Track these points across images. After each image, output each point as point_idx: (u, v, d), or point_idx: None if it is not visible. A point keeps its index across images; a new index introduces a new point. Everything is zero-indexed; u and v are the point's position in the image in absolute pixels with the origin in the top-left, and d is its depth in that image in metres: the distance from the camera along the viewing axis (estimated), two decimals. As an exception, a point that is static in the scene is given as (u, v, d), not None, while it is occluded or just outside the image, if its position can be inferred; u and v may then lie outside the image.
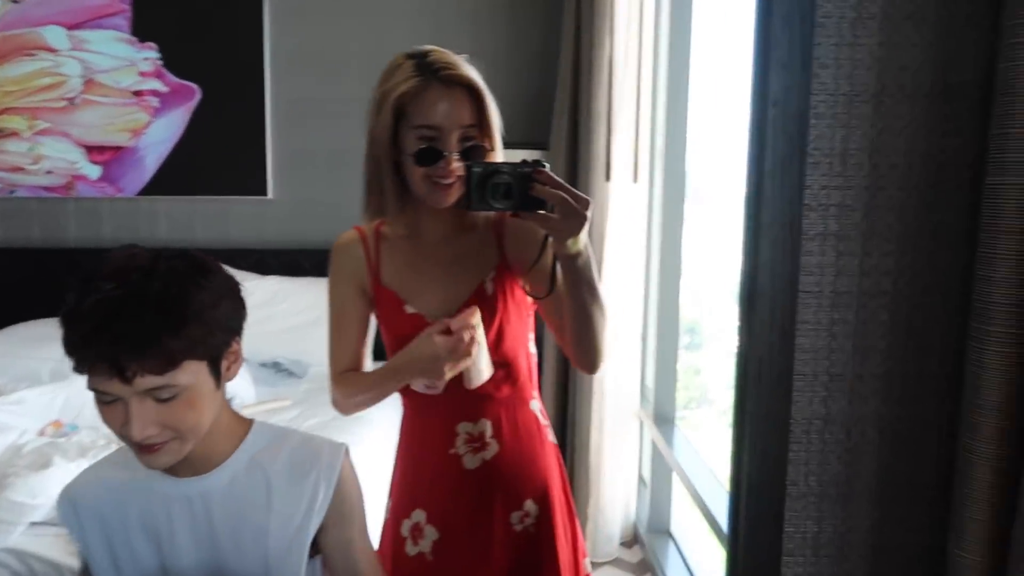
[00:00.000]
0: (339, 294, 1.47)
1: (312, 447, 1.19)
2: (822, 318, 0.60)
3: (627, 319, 2.88)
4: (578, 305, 1.31)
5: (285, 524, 1.13)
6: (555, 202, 1.18)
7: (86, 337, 0.94)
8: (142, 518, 1.11)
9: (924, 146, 0.59)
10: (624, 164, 2.77)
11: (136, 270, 0.97)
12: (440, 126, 1.30)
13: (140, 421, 0.96)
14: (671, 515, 2.99)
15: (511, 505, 1.44)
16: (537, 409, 1.51)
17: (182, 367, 0.97)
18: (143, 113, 3.54)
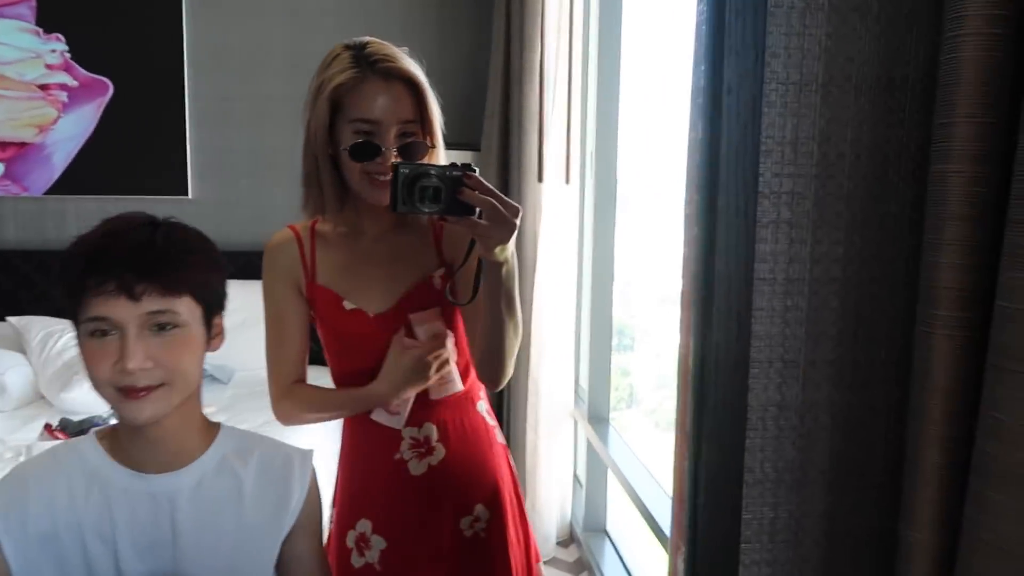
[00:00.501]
0: (276, 297, 1.41)
1: (283, 452, 1.16)
2: (776, 305, 0.60)
3: (560, 320, 2.89)
4: (494, 315, 1.28)
5: (255, 529, 1.10)
6: (484, 208, 1.15)
7: (93, 260, 0.96)
8: (99, 516, 1.04)
9: (871, 136, 0.60)
10: (556, 166, 2.78)
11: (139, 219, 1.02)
12: (378, 120, 1.26)
13: (138, 351, 0.96)
14: (607, 514, 3.02)
15: (461, 510, 1.41)
16: (484, 410, 1.48)
17: (183, 298, 1.00)
18: (50, 108, 3.35)
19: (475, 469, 1.43)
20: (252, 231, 3.50)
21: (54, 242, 3.46)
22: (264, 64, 3.48)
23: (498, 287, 1.24)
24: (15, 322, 3.09)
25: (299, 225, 1.42)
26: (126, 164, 3.41)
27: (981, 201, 0.54)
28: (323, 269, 1.39)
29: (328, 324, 1.39)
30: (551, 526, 2.97)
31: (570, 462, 3.11)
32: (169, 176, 3.42)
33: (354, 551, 1.42)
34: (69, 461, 1.08)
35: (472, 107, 3.26)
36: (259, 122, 3.49)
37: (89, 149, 3.39)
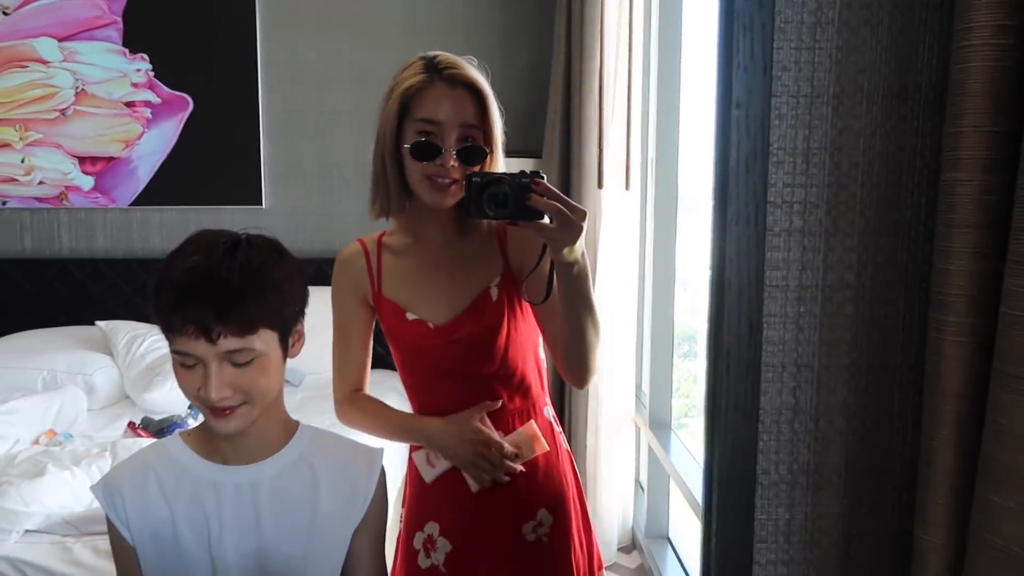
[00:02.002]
0: (342, 307, 1.49)
1: (355, 449, 1.25)
2: (789, 311, 0.62)
3: (622, 326, 2.90)
4: (572, 315, 1.32)
5: (328, 520, 1.18)
6: (552, 213, 1.20)
7: (177, 301, 1.04)
8: (190, 508, 1.15)
9: (882, 145, 0.61)
10: (616, 172, 2.80)
11: (222, 245, 1.08)
12: (440, 121, 1.32)
13: (218, 382, 1.05)
14: (669, 520, 3.00)
15: (523, 516, 1.44)
16: (550, 416, 1.51)
17: (259, 333, 1.06)
18: (135, 124, 3.57)
19: (538, 475, 1.45)
20: (321, 239, 3.64)
21: (139, 251, 3.67)
22: (333, 78, 3.61)
23: (572, 287, 1.28)
24: (103, 326, 3.29)
25: (367, 239, 1.49)
26: (204, 176, 3.59)
27: (990, 209, 0.55)
28: (389, 280, 1.45)
29: (393, 335, 1.45)
30: (612, 532, 2.97)
31: (632, 468, 3.11)
32: (244, 187, 3.59)
33: (421, 552, 1.46)
34: (157, 461, 1.19)
35: (534, 115, 3.31)
36: (328, 134, 3.63)
37: (171, 162, 3.59)
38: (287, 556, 1.16)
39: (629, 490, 3.09)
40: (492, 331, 1.40)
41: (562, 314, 1.33)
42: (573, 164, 2.91)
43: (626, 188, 2.84)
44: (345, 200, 3.63)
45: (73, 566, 1.92)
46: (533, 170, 1.24)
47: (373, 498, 1.21)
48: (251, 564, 1.16)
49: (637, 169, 2.88)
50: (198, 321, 1.02)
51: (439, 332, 1.40)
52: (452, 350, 1.40)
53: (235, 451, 1.16)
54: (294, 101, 3.62)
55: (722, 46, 0.61)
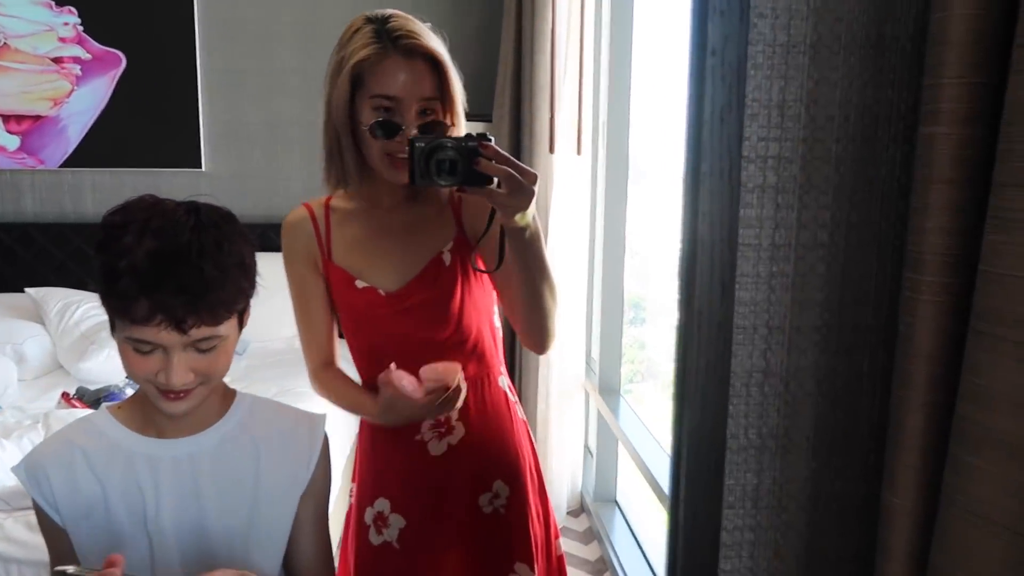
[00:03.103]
0: (297, 276, 1.42)
1: (296, 415, 1.20)
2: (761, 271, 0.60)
3: (572, 291, 2.89)
4: (527, 281, 1.29)
5: (272, 489, 1.14)
6: (501, 177, 1.15)
7: (145, 288, 0.95)
8: (124, 484, 1.09)
9: (859, 98, 0.59)
10: (567, 137, 2.76)
11: (182, 225, 0.99)
12: (398, 97, 1.25)
13: (181, 369, 1.00)
14: (617, 484, 3.04)
15: (479, 487, 1.41)
16: (505, 386, 1.47)
17: (228, 321, 1.02)
18: (64, 81, 3.38)
19: (495, 446, 1.42)
20: (266, 203, 3.52)
21: (71, 215, 3.50)
22: (276, 36, 3.47)
23: (524, 252, 1.24)
24: (33, 293, 3.15)
25: (314, 203, 1.42)
26: (140, 137, 3.43)
27: (969, 164, 0.53)
28: (338, 246, 1.39)
29: (342, 302, 1.40)
30: (562, 496, 3.00)
31: (581, 433, 3.13)
32: (182, 149, 3.45)
33: (372, 528, 1.43)
34: (83, 438, 1.12)
35: (484, 78, 3.24)
36: (271, 94, 3.49)
37: (103, 122, 3.42)
38: (229, 529, 1.12)
39: (578, 455, 3.11)
40: (445, 297, 1.36)
41: (517, 280, 1.29)
42: (524, 128, 2.87)
43: (578, 152, 2.81)
44: (289, 163, 3.52)
45: (5, 542, 1.84)
46: (480, 132, 1.19)
47: (316, 465, 1.17)
48: (191, 539, 1.11)
49: (589, 134, 2.85)
50: (168, 311, 0.95)
51: (390, 299, 1.36)
52: (404, 317, 1.36)
53: (172, 424, 1.10)
54: (235, 60, 3.47)
55: (697, -11, 0.58)
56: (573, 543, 2.89)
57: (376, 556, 1.42)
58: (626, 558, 2.60)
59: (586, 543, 2.90)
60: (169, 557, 1.10)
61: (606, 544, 2.74)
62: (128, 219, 1.00)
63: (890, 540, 0.57)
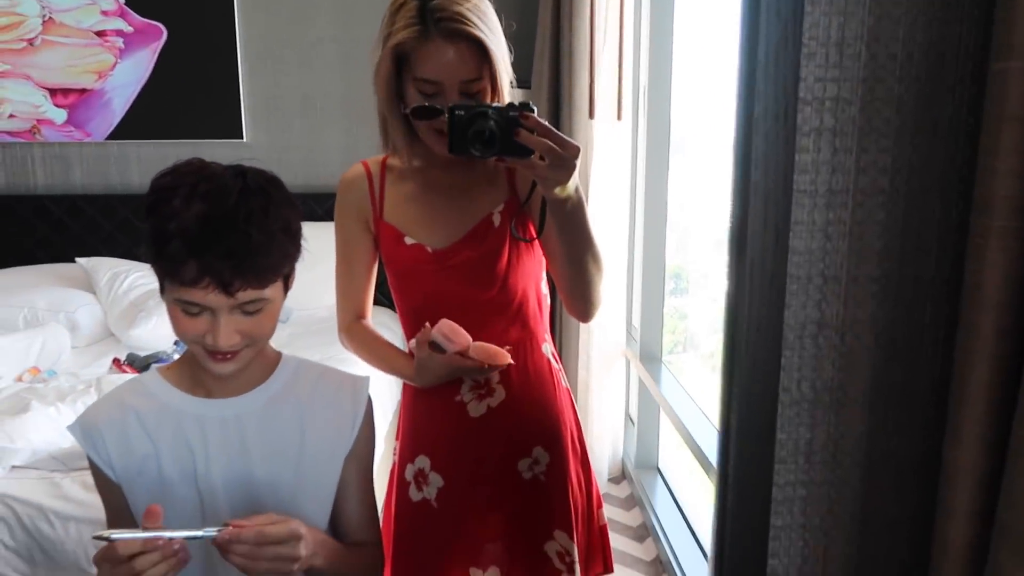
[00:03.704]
0: (346, 231, 1.44)
1: (340, 378, 1.22)
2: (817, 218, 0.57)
3: (613, 259, 2.86)
4: (570, 250, 1.28)
5: (317, 450, 1.16)
6: (541, 150, 1.12)
7: (194, 251, 0.97)
8: (174, 442, 1.12)
9: (923, 35, 0.56)
10: (607, 102, 2.72)
11: (230, 188, 1.00)
12: (439, 81, 1.24)
13: (228, 331, 1.02)
14: (659, 451, 3.03)
15: (518, 452, 1.41)
16: (549, 353, 1.47)
17: (274, 284, 1.03)
18: (107, 54, 3.42)
19: (535, 411, 1.42)
20: (305, 173, 3.54)
21: (118, 186, 3.56)
22: (314, 6, 3.46)
23: (565, 222, 1.23)
24: (84, 263, 3.22)
25: (371, 161, 1.44)
26: (182, 109, 3.47)
27: (1044, 100, 0.50)
28: (390, 204, 1.41)
29: (390, 259, 1.41)
30: (603, 463, 3.00)
31: (622, 401, 3.12)
32: (224, 120, 3.47)
33: (412, 485, 1.44)
34: (135, 398, 1.15)
35: (523, 44, 3.18)
36: (310, 65, 3.49)
37: (147, 94, 3.46)
38: (276, 486, 1.14)
39: (619, 422, 3.10)
40: (492, 256, 1.36)
41: (560, 248, 1.29)
42: (563, 94, 2.82)
43: (618, 119, 2.76)
44: (329, 133, 3.52)
45: (63, 501, 1.90)
46: (522, 102, 1.16)
47: (360, 427, 1.19)
48: (240, 494, 1.13)
49: (629, 99, 2.79)
50: (215, 274, 0.97)
51: (437, 256, 1.36)
52: (449, 275, 1.36)
53: (219, 385, 1.13)
54: (274, 31, 3.48)
55: (752, -79, 0.55)
56: (615, 509, 2.89)
57: (416, 512, 1.44)
58: (668, 524, 2.60)
59: (628, 509, 2.90)
60: (219, 510, 1.13)
61: (648, 510, 2.74)
62: (177, 182, 1.01)
63: (952, 498, 0.55)
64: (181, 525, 1.10)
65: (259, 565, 0.99)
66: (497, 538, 1.43)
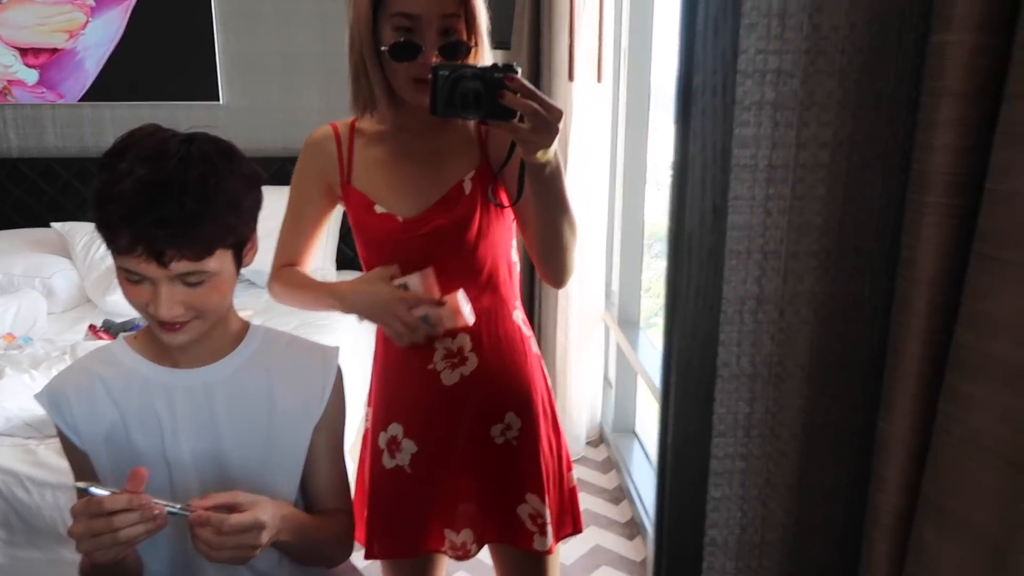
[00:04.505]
0: (302, 191, 1.42)
1: (308, 347, 1.22)
2: (757, 193, 0.57)
3: (592, 224, 2.85)
4: (546, 216, 1.27)
5: (286, 419, 1.15)
6: (526, 112, 1.11)
7: (126, 218, 0.95)
8: (141, 411, 1.12)
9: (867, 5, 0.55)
10: (587, 64, 2.68)
11: (172, 154, 0.97)
12: (418, 15, 1.21)
13: (168, 302, 0.99)
14: (636, 415, 3.06)
15: (491, 418, 1.42)
16: (520, 320, 1.47)
17: (213, 255, 1.00)
18: (78, 12, 3.34)
19: (507, 378, 1.43)
20: (283, 135, 3.50)
21: (93, 149, 3.51)
22: (290, -38, 3.39)
23: (544, 187, 1.22)
24: (59, 228, 3.18)
25: (340, 123, 1.41)
26: (156, 69, 3.40)
27: (981, 75, 0.50)
28: (359, 169, 1.38)
29: (360, 227, 1.39)
30: (581, 427, 3.03)
31: (601, 365, 3.14)
32: (199, 81, 3.41)
33: (385, 452, 1.45)
34: (102, 366, 1.15)
35: (502, 3, 3.14)
36: (287, 24, 3.43)
37: (119, 55, 3.39)
38: (245, 457, 1.15)
39: (598, 386, 3.13)
40: (462, 223, 1.34)
41: (536, 214, 1.28)
42: (543, 55, 2.79)
43: (598, 80, 2.73)
44: (307, 94, 3.47)
45: (38, 467, 1.91)
46: (507, 63, 1.14)
47: (330, 397, 1.19)
48: (209, 465, 1.14)
49: (609, 61, 2.76)
50: (148, 243, 0.95)
51: (408, 225, 1.35)
52: (419, 243, 1.35)
53: (185, 354, 1.12)
54: (248, -13, 3.40)
55: None
56: (592, 472, 2.93)
57: (389, 479, 1.45)
58: (643, 486, 2.64)
59: (604, 472, 2.95)
60: (188, 482, 1.13)
61: (624, 473, 2.78)
62: (127, 145, 1.00)
63: (883, 469, 0.56)
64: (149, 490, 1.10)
65: (220, 555, 0.99)
66: (470, 500, 1.45)
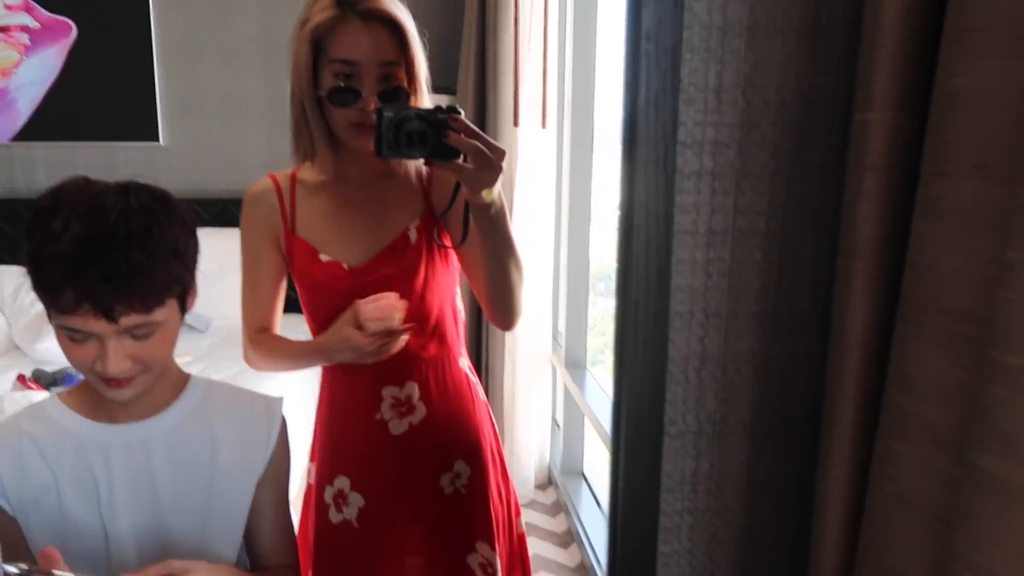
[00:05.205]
0: (252, 246, 1.40)
1: (252, 398, 1.19)
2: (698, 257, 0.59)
3: (538, 266, 2.89)
4: (493, 257, 1.28)
5: (228, 474, 1.12)
6: (470, 152, 1.14)
7: (69, 277, 0.92)
8: (76, 472, 1.07)
9: (795, 83, 0.59)
10: (532, 110, 2.74)
11: (110, 207, 0.95)
12: (356, 61, 1.23)
13: (117, 357, 0.97)
14: (583, 457, 3.07)
15: (440, 467, 1.41)
16: (466, 367, 1.47)
17: (161, 307, 0.99)
18: (12, 51, 3.27)
19: (456, 426, 1.42)
20: (226, 178, 3.46)
21: (23, 190, 3.41)
22: (233, 4, 3.39)
23: (489, 227, 1.24)
24: (-13, 272, 3.07)
25: (279, 174, 1.40)
26: (94, 109, 3.34)
27: (900, 151, 0.53)
28: (303, 219, 1.38)
29: (304, 276, 1.38)
30: (530, 470, 3.02)
31: (548, 407, 3.15)
32: (139, 122, 3.36)
33: (332, 507, 1.42)
34: (32, 425, 1.10)
35: (448, 50, 3.19)
36: (230, 65, 3.41)
37: (56, 94, 3.32)
38: (185, 514, 1.11)
39: (546, 428, 3.14)
40: (408, 273, 1.35)
41: (482, 256, 1.29)
42: (488, 101, 2.84)
43: (542, 126, 2.79)
44: (250, 136, 3.45)
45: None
46: (450, 105, 1.17)
47: (274, 449, 1.17)
48: (146, 525, 1.10)
49: (553, 107, 2.83)
50: (94, 299, 0.92)
51: (354, 273, 1.35)
52: (366, 292, 1.35)
53: (123, 409, 1.09)
54: (191, 29, 3.38)
55: (632, -29, 0.57)
56: (540, 516, 2.92)
57: (336, 534, 1.42)
58: (592, 530, 2.64)
59: (553, 515, 2.94)
60: (124, 544, 1.09)
61: (573, 516, 2.77)
62: (57, 202, 0.97)
63: (822, 526, 0.58)
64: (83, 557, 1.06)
65: None
66: (419, 552, 1.43)
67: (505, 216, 1.25)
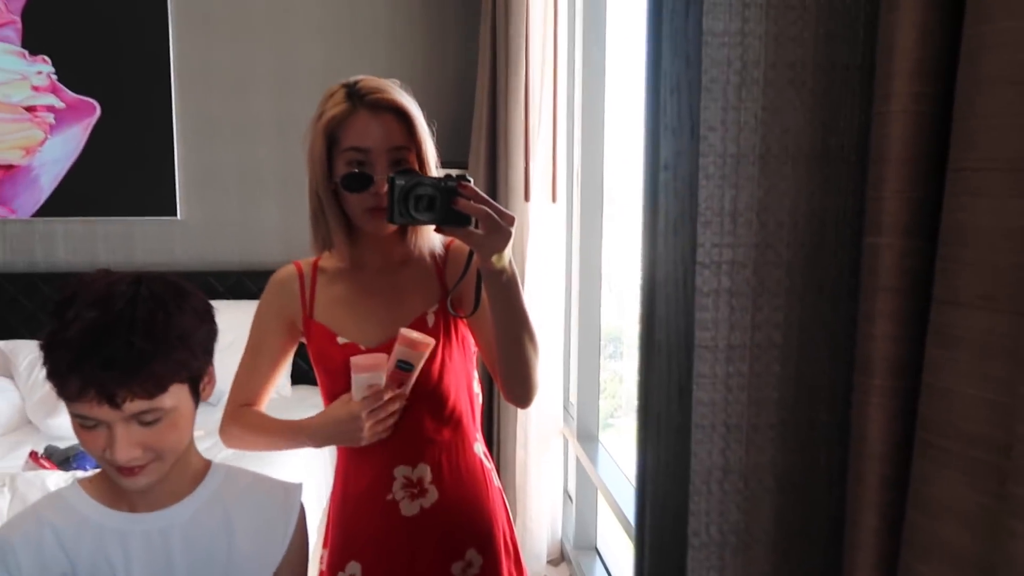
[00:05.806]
0: (263, 325, 1.44)
1: (271, 485, 1.20)
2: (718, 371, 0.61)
3: (550, 336, 2.90)
4: (506, 328, 1.30)
5: (247, 561, 1.13)
6: (479, 217, 1.18)
7: (74, 364, 0.94)
8: (94, 562, 1.07)
9: (807, 206, 0.62)
10: (542, 185, 2.80)
11: (119, 296, 0.98)
12: (368, 148, 1.29)
13: (125, 444, 0.98)
14: (597, 531, 3.02)
15: (452, 555, 1.40)
16: (481, 452, 1.47)
17: (168, 392, 1.00)
18: (37, 130, 3.37)
19: (468, 513, 1.42)
20: (242, 250, 3.52)
21: (42, 264, 3.47)
22: (251, 82, 3.51)
23: (501, 296, 1.26)
24: (2, 346, 3.10)
25: (304, 262, 1.45)
26: (114, 185, 3.43)
27: (911, 274, 0.56)
28: (321, 305, 1.41)
29: (322, 359, 1.40)
30: (542, 544, 2.97)
31: (560, 479, 3.12)
32: (158, 197, 3.44)
33: None
34: (53, 513, 1.11)
35: (460, 126, 3.29)
36: (247, 141, 3.51)
37: (77, 171, 3.41)
38: None
39: (558, 501, 3.10)
40: (428, 361, 1.36)
41: (496, 328, 1.31)
42: (500, 176, 2.90)
43: (553, 201, 2.85)
44: (265, 210, 3.52)
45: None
46: (460, 173, 1.22)
47: (292, 536, 1.17)
48: None
49: (563, 181, 2.89)
50: (99, 386, 0.94)
51: None
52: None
53: (142, 498, 1.10)
54: (210, 106, 3.49)
55: (650, 108, 0.61)
56: (553, 593, 2.86)
57: None
58: (606, 608, 2.58)
59: (566, 592, 2.88)
60: None
61: (586, 594, 2.72)
62: (75, 292, 1.00)
63: (849, 639, 0.58)
64: None
65: None
66: (431, 643, 1.41)
67: (517, 286, 1.28)
